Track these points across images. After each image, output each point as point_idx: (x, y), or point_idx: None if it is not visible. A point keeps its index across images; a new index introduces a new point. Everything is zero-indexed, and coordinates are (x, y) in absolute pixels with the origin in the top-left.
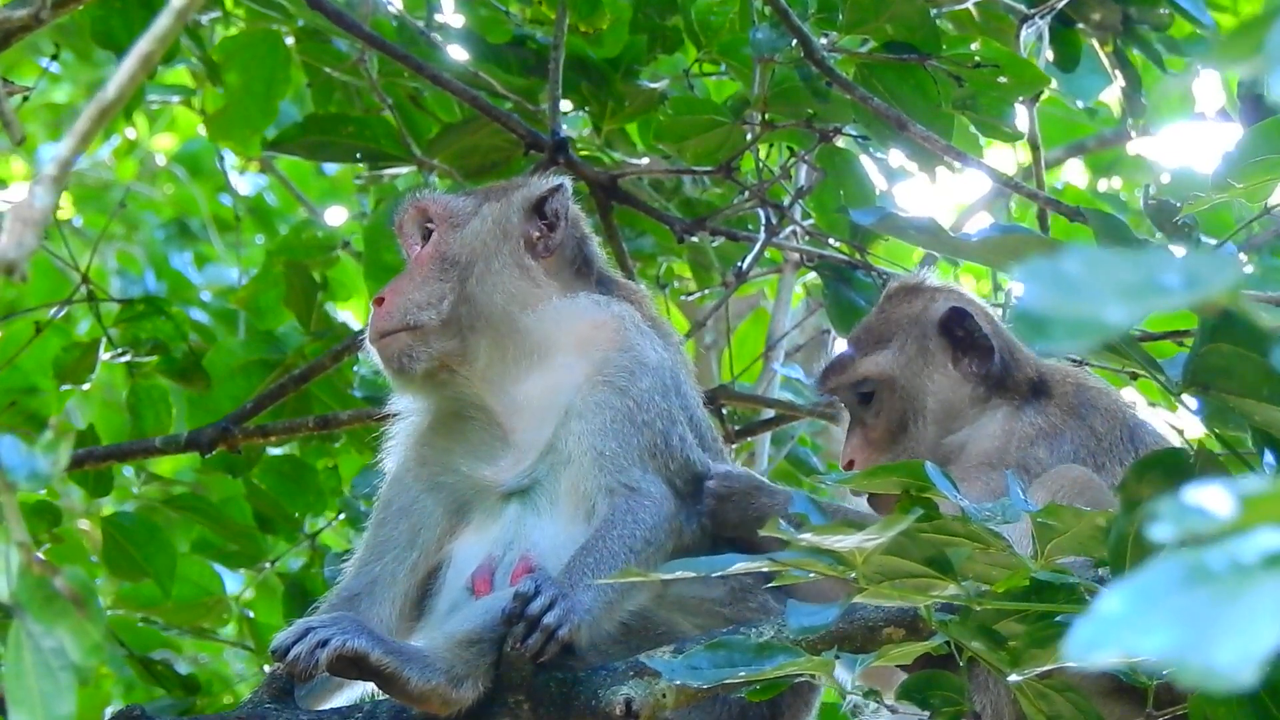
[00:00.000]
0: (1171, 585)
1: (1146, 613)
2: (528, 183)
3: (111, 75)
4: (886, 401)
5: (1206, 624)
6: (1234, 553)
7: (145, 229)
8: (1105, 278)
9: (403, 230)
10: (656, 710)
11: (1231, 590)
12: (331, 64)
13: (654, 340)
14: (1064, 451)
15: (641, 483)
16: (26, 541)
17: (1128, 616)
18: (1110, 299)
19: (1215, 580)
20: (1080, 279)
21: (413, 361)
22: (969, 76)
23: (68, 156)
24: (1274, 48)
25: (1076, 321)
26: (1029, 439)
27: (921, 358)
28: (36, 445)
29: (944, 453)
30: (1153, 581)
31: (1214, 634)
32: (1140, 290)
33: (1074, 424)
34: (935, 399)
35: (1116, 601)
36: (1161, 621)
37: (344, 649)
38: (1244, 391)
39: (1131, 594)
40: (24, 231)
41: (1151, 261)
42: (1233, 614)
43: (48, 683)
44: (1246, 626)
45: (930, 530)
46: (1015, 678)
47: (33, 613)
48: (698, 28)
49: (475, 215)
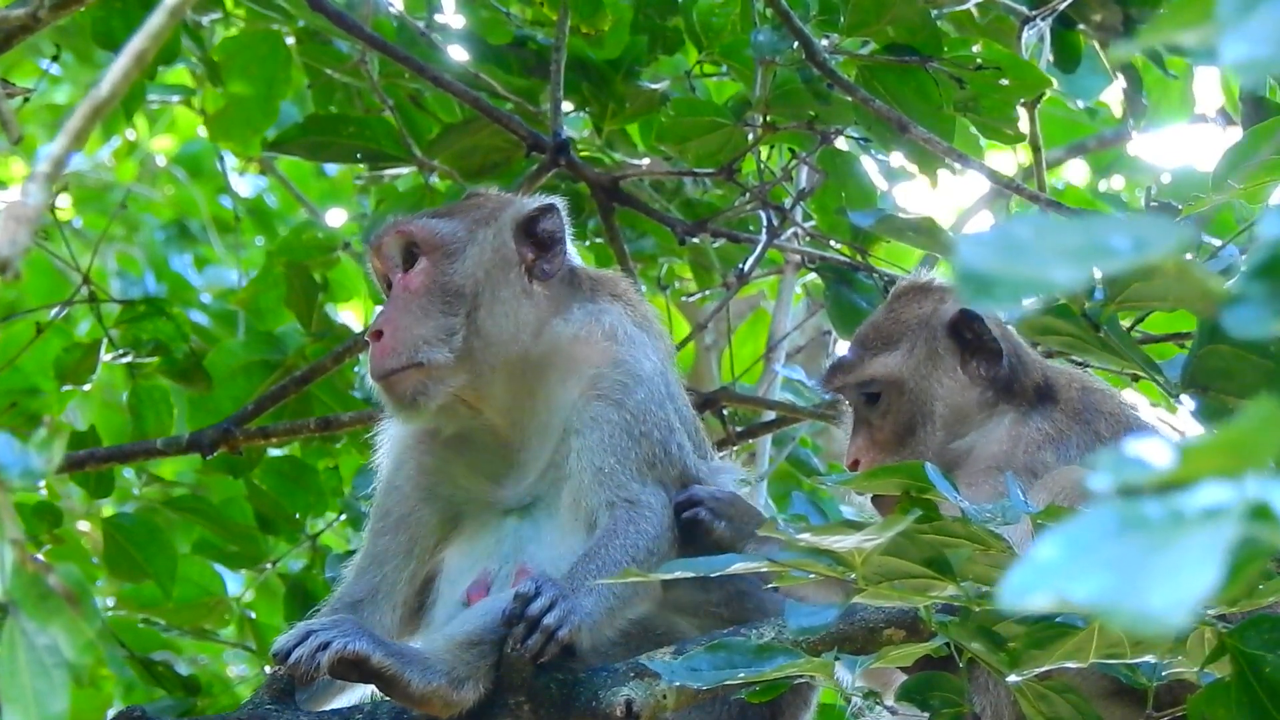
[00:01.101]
0: (1107, 533)
1: (1080, 559)
2: (512, 201)
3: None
4: (894, 403)
5: (1140, 570)
6: (1172, 504)
7: (145, 230)
8: (1052, 240)
9: (382, 254)
10: (657, 711)
11: (1166, 538)
12: (332, 65)
13: (645, 345)
14: (1070, 456)
15: (642, 495)
16: (20, 539)
17: (1062, 562)
18: (1056, 260)
19: (1151, 528)
20: (1027, 241)
21: (427, 399)
22: (970, 78)
23: (61, 154)
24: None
25: (1021, 281)
26: (1036, 444)
27: (930, 360)
28: (30, 443)
29: (951, 457)
30: (1088, 528)
31: (1147, 579)
32: (1087, 252)
33: (1079, 429)
34: (943, 403)
35: (1051, 548)
36: (1095, 567)
37: (345, 651)
38: (1243, 393)
39: (1066, 540)
40: (18, 229)
41: (1099, 224)
42: (1167, 560)
43: (41, 681)
44: (1180, 572)
45: (930, 531)
46: (1015, 679)
47: (26, 610)
48: (699, 29)
49: (471, 243)
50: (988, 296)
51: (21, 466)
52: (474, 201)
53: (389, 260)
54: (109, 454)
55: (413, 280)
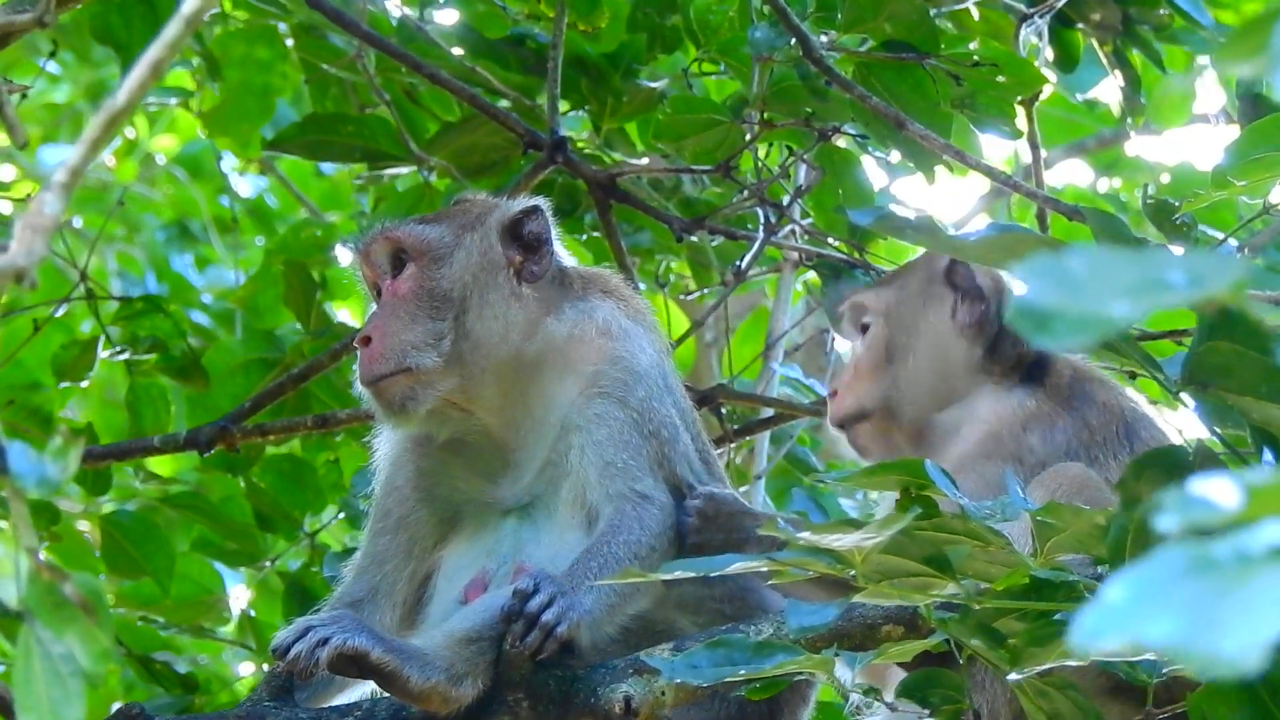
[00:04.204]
0: (1176, 575)
1: (1151, 601)
2: (498, 205)
3: (112, 76)
4: (879, 334)
5: (1211, 612)
6: (1239, 544)
7: (146, 230)
8: (1109, 275)
9: (370, 260)
10: (656, 708)
11: (1236, 580)
12: (329, 61)
13: (641, 338)
14: (1057, 441)
15: (653, 490)
16: (36, 547)
17: (1132, 605)
18: (1114, 296)
19: (1220, 570)
20: (1083, 276)
21: (416, 404)
22: (968, 76)
23: (79, 164)
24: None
25: (1080, 318)
26: (1020, 424)
27: (920, 298)
28: (45, 450)
29: (938, 434)
30: (1157, 571)
31: (1218, 622)
32: (1144, 287)
33: (1068, 416)
34: (925, 342)
35: (1121, 590)
36: (1166, 610)
37: (344, 647)
38: (1243, 390)
39: (1135, 583)
40: (34, 239)
41: (1155, 259)
42: (1237, 602)
43: (56, 689)
44: (1251, 615)
45: (929, 528)
46: (1015, 676)
47: (42, 618)
48: (696, 26)
49: (458, 247)
50: (1046, 332)
51: (37, 475)
52: (461, 207)
53: (377, 267)
54: (107, 451)
55: (401, 286)
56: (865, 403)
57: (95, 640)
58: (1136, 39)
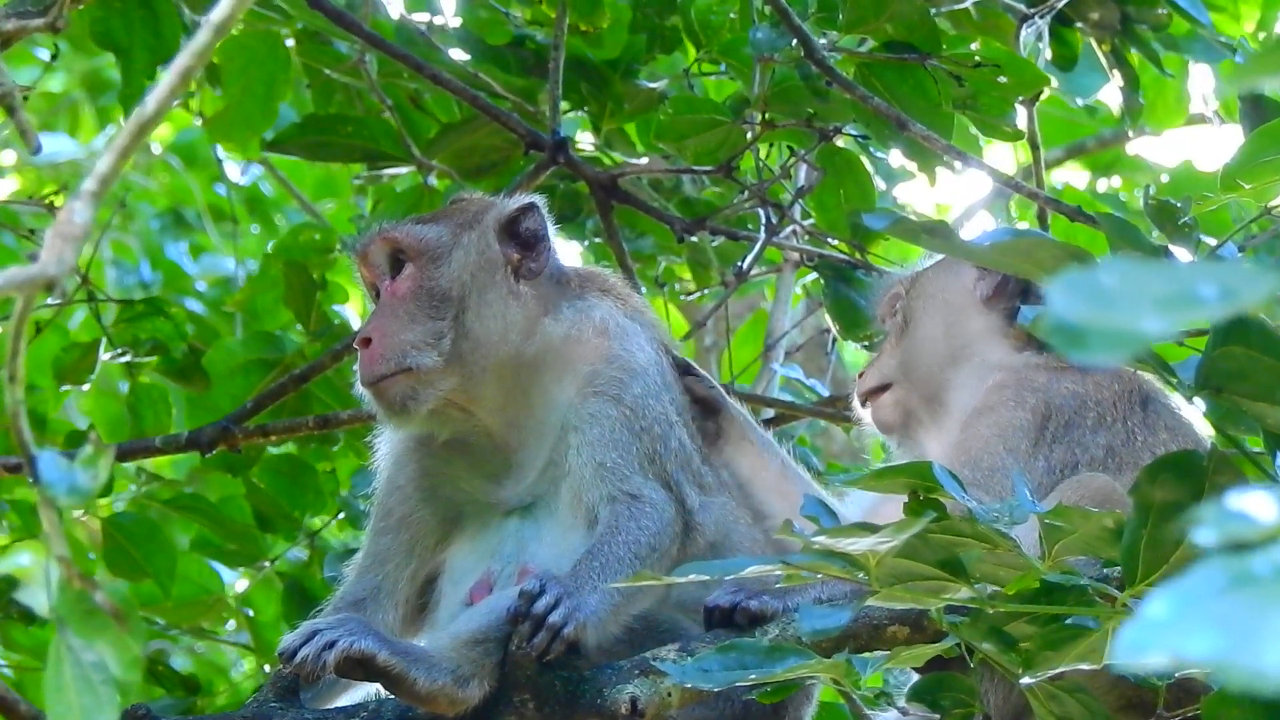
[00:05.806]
0: (1216, 590)
1: (1192, 616)
2: (495, 204)
3: (109, 66)
4: (904, 308)
5: (1252, 627)
6: (1278, 559)
7: (140, 219)
8: (1140, 289)
9: (369, 262)
10: (662, 709)
11: (1276, 594)
12: (331, 65)
13: (639, 336)
14: (1064, 388)
15: (643, 490)
16: (67, 556)
17: (1173, 620)
18: (1146, 310)
19: (1260, 585)
20: (1116, 291)
21: (417, 404)
22: (969, 76)
23: (109, 172)
24: None
25: (1114, 333)
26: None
27: (943, 272)
28: (76, 460)
29: (950, 392)
30: (1197, 586)
31: (1261, 637)
32: (1175, 301)
33: (1076, 370)
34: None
35: (1162, 606)
36: (1207, 625)
37: (351, 650)
38: (1257, 395)
39: (1176, 598)
40: (64, 248)
41: (1187, 273)
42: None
43: (88, 697)
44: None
45: (938, 531)
46: (1027, 680)
47: (73, 627)
48: (697, 27)
49: (456, 246)
50: (1081, 347)
51: (68, 484)
52: (458, 206)
53: (376, 268)
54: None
55: (399, 286)
56: (886, 373)
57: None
58: (1135, 38)
